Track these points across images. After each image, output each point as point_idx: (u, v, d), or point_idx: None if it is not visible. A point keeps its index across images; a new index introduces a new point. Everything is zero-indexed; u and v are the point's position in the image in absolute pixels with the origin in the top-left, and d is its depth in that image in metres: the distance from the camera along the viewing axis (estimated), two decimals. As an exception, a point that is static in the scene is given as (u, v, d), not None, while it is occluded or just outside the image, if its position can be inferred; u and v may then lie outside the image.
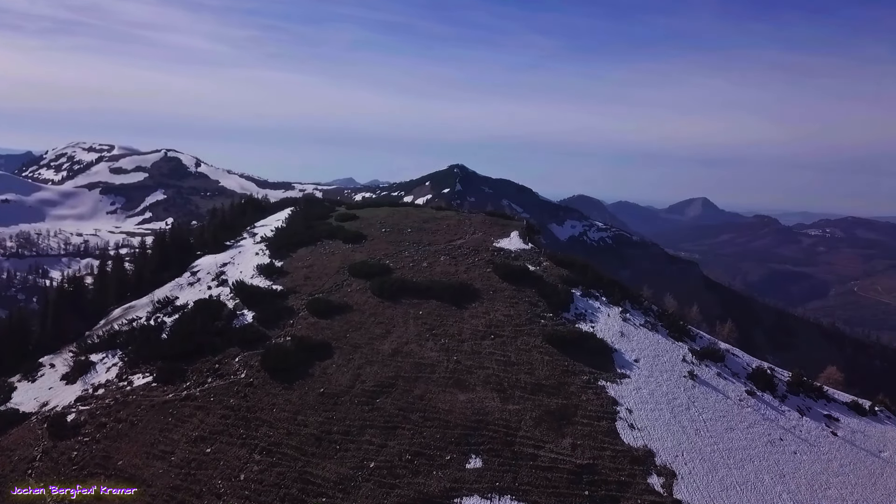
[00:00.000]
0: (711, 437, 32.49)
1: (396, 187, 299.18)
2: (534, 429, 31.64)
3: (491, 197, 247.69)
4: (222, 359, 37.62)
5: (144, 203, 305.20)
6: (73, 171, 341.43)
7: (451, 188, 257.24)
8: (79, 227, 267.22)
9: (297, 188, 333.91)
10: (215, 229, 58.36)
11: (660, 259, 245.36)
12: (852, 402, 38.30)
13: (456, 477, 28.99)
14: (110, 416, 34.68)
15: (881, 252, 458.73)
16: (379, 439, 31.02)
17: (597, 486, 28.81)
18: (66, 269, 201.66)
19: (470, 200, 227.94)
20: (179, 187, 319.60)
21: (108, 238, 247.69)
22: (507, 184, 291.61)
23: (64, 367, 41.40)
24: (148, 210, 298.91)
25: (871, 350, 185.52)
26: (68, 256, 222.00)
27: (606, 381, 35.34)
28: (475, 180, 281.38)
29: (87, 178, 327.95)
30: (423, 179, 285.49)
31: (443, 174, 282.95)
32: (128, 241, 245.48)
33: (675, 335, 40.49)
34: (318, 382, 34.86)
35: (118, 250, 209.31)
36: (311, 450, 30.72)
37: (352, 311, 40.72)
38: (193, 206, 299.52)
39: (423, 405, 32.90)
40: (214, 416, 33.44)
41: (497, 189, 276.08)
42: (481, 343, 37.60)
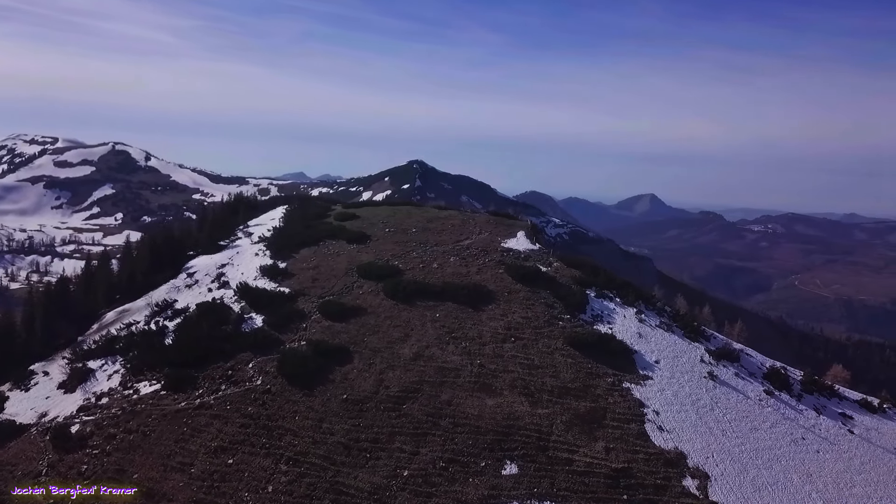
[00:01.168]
0: (738, 438, 32.67)
1: (354, 182, 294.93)
2: (566, 433, 31.28)
3: (450, 193, 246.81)
4: (234, 365, 36.14)
5: (92, 198, 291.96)
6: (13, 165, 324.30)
7: (410, 184, 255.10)
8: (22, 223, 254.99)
9: (251, 183, 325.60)
10: (210, 229, 56.29)
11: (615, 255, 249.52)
12: (862, 400, 39.12)
13: (493, 484, 28.41)
14: (119, 427, 32.92)
15: (819, 247, 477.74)
16: (410, 446, 30.20)
17: (634, 490, 28.64)
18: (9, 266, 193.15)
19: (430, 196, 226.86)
20: (129, 182, 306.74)
21: (55, 234, 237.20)
22: (466, 180, 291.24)
23: (60, 374, 39.18)
24: (96, 205, 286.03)
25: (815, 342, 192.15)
26: (12, 253, 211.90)
27: (630, 382, 35.24)
28: (434, 176, 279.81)
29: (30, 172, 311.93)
30: (382, 175, 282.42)
31: (402, 170, 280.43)
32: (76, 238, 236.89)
33: (690, 336, 40.70)
34: (339, 388, 33.78)
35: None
36: (341, 459, 29.71)
37: (366, 314, 39.67)
38: (144, 200, 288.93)
39: (452, 411, 32.19)
40: (233, 425, 32.06)
41: (456, 185, 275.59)
42: (503, 346, 37.06)
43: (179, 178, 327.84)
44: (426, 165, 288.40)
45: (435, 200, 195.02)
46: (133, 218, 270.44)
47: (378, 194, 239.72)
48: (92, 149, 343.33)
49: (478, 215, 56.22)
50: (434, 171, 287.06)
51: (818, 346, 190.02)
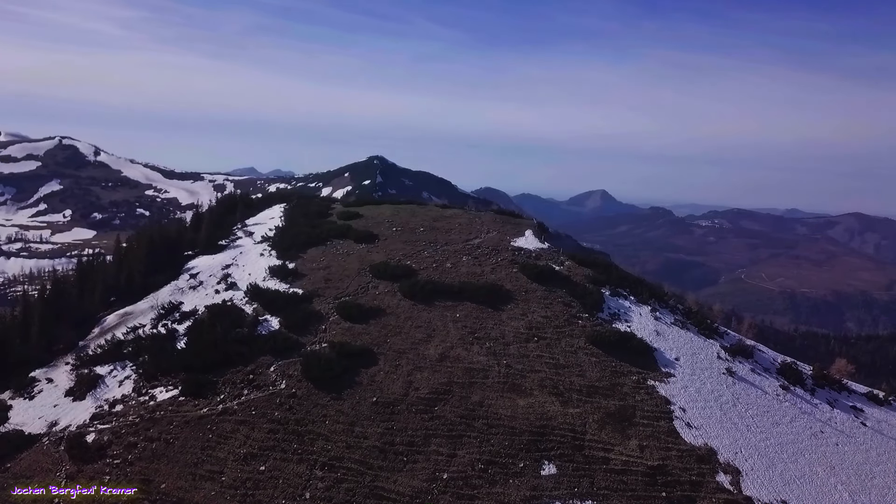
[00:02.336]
0: (762, 433, 33.32)
1: (313, 178, 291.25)
2: (599, 431, 31.42)
3: (411, 189, 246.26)
4: (255, 369, 35.24)
5: (38, 194, 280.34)
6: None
7: (371, 180, 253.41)
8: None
9: (206, 179, 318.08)
10: (210, 228, 54.72)
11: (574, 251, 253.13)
12: (869, 393, 40.41)
13: (533, 485, 28.36)
14: (139, 435, 31.73)
15: (764, 242, 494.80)
16: (446, 449, 29.92)
17: (671, 487, 28.94)
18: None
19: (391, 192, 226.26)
20: (77, 177, 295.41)
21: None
22: (427, 176, 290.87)
23: (67, 381, 37.57)
24: (43, 201, 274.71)
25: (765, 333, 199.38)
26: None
27: (655, 380, 35.60)
28: (395, 172, 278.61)
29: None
30: (342, 170, 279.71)
31: (362, 165, 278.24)
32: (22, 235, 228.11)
33: (705, 333, 41.37)
34: (368, 391, 33.25)
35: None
36: (377, 463, 29.24)
37: (386, 315, 39.14)
38: (94, 197, 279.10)
39: (485, 412, 32.01)
40: (261, 430, 31.24)
41: (417, 181, 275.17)
42: (526, 346, 37.03)
43: (131, 173, 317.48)
44: (386, 161, 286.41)
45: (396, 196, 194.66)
46: (83, 215, 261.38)
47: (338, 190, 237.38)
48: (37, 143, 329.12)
49: (483, 214, 56.08)
50: (394, 167, 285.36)
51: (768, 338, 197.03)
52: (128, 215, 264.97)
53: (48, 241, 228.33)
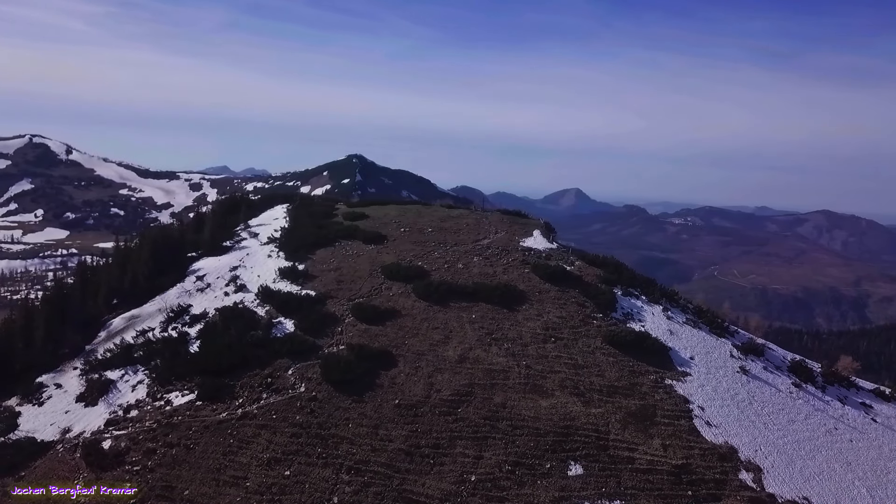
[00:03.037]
0: (779, 430, 33.74)
1: (291, 177, 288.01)
2: (622, 431, 31.57)
3: (391, 188, 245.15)
4: (273, 372, 34.83)
5: (8, 193, 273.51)
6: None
7: (350, 178, 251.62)
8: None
9: (182, 178, 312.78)
10: (213, 230, 53.95)
11: None
12: (875, 389, 41.13)
13: (561, 485, 28.42)
14: (158, 441, 31.19)
15: (736, 239, 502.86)
16: (472, 451, 29.85)
17: (697, 486, 29.18)
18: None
19: (370, 191, 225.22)
20: (49, 176, 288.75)
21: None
22: (406, 174, 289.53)
23: (77, 386, 36.81)
24: (13, 201, 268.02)
25: None
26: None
27: (672, 379, 35.86)
28: (374, 171, 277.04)
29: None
30: (321, 169, 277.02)
31: (341, 164, 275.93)
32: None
33: (716, 332, 41.78)
34: (390, 393, 33.05)
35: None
36: (404, 466, 29.08)
37: (402, 317, 38.94)
38: (67, 196, 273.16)
39: (508, 413, 31.99)
40: (283, 435, 30.88)
41: (396, 180, 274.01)
42: (544, 346, 37.09)
43: (104, 172, 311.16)
44: (365, 160, 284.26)
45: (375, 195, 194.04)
46: (55, 214, 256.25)
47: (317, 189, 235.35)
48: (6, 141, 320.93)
49: (490, 214, 56.03)
50: (374, 166, 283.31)
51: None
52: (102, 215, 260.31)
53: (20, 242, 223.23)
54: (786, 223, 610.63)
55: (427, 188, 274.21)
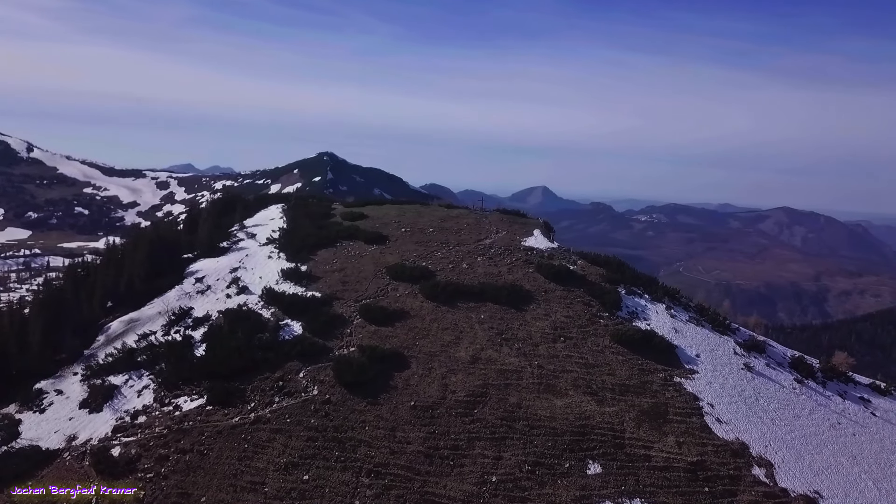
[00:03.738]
0: (786, 426, 34.42)
1: (261, 175, 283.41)
2: (637, 429, 31.87)
3: (363, 186, 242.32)
4: (283, 375, 34.40)
5: None
6: None
7: (322, 176, 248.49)
8: None
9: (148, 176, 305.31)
10: (210, 231, 53.01)
11: None
12: (872, 384, 42.23)
13: (582, 484, 28.58)
14: (169, 447, 30.57)
15: (700, 236, 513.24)
16: (491, 451, 29.85)
17: (713, 482, 29.59)
18: None
19: (342, 189, 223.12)
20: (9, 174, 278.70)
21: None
22: (378, 172, 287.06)
23: (79, 392, 35.88)
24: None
25: None
26: None
27: (680, 377, 36.33)
28: (346, 168, 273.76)
29: None
30: (292, 167, 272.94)
31: (312, 162, 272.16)
32: None
33: (719, 329, 42.46)
34: (404, 395, 32.89)
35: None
36: (424, 468, 28.96)
37: (411, 318, 38.78)
38: (28, 195, 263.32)
39: (524, 413, 32.07)
40: (298, 439, 30.52)
41: (368, 178, 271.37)
42: (554, 346, 37.27)
43: (67, 170, 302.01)
44: (336, 157, 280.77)
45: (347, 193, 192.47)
46: (17, 214, 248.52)
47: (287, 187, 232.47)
48: None
49: (489, 214, 56.12)
50: (345, 164, 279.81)
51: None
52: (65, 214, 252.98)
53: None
54: (748, 220, 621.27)
55: (399, 186, 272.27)
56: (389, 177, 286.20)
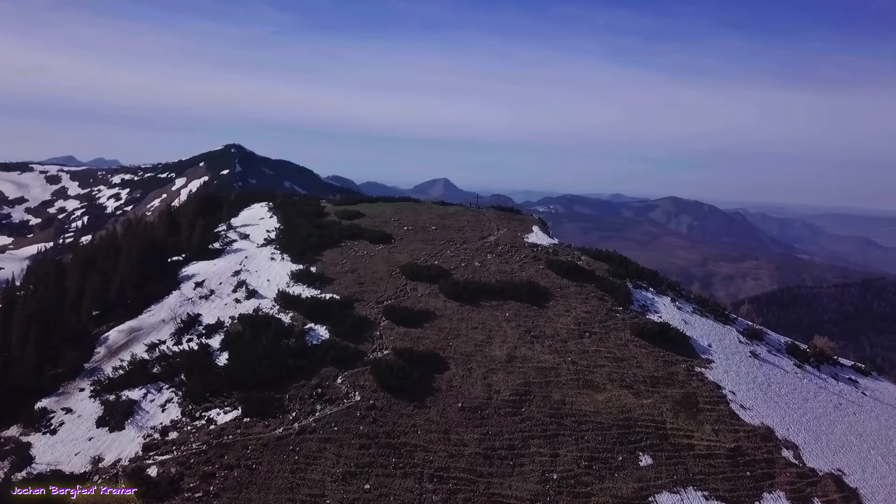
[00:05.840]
0: (799, 409, 36.80)
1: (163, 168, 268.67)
2: (675, 419, 33.17)
3: (272, 179, 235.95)
4: (321, 381, 33.37)
5: None
6: None
7: (230, 169, 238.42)
8: None
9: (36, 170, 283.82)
10: (202, 232, 50.11)
11: None
12: (854, 366, 45.76)
13: (637, 476, 29.48)
14: (213, 464, 29.01)
15: (595, 225, 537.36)
16: (547, 449, 30.26)
17: (752, 466, 31.26)
18: None
19: (252, 182, 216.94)
20: None
21: None
22: (288, 165, 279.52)
23: (93, 410, 33.28)
24: None
25: None
26: None
27: (700, 367, 38.04)
28: (254, 161, 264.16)
29: None
30: (197, 160, 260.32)
31: (219, 154, 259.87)
32: None
33: (721, 319, 44.68)
34: (450, 397, 32.70)
35: None
36: (486, 469, 28.98)
37: (437, 318, 38.49)
38: None
39: (569, 409, 32.66)
40: (350, 447, 29.76)
41: (278, 170, 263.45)
42: (581, 342, 38.07)
43: None
44: (245, 150, 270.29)
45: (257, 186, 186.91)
46: None
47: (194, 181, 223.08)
48: None
49: (485, 211, 56.32)
50: (253, 156, 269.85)
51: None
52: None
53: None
54: (639, 209, 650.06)
55: (310, 178, 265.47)
56: (300, 169, 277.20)
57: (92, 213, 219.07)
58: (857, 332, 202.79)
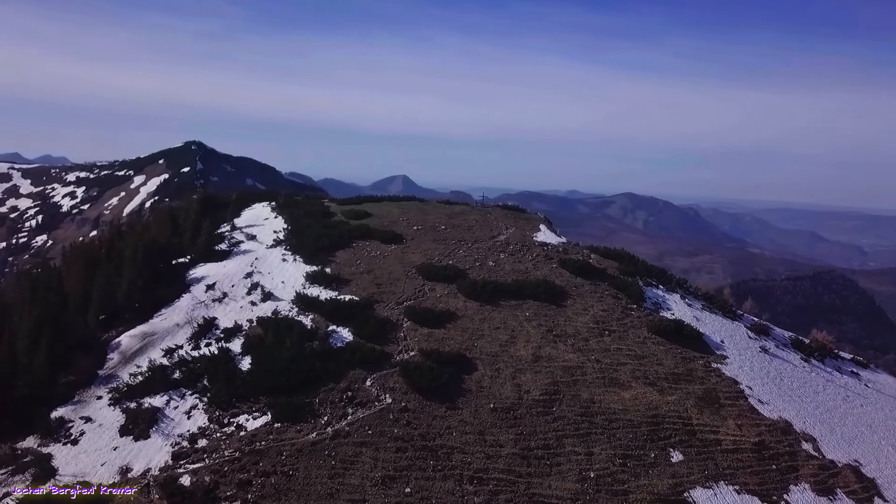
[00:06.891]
0: (811, 402, 37.92)
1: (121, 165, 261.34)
2: (700, 415, 33.85)
3: (234, 176, 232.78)
4: (350, 384, 33.08)
5: None
6: None
7: (191, 167, 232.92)
8: None
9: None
10: (209, 233, 48.99)
11: None
12: (853, 359, 47.29)
13: (671, 472, 30.02)
14: (248, 471, 28.53)
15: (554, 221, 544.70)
16: (581, 448, 30.58)
17: (776, 460, 32.14)
18: None
19: (213, 180, 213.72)
20: None
21: None
22: (250, 162, 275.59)
23: (114, 418, 32.34)
24: None
25: None
26: None
27: (716, 363, 38.86)
28: (215, 158, 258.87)
29: None
30: (156, 157, 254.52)
31: (179, 151, 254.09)
32: None
33: (729, 315, 45.69)
34: (481, 397, 32.78)
35: None
36: (524, 470, 29.16)
37: (459, 318, 38.48)
38: None
39: (599, 408, 33.05)
40: (387, 451, 29.60)
41: (240, 168, 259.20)
42: (602, 340, 38.52)
43: None
44: (206, 147, 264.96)
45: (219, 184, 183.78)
46: None
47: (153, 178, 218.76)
48: None
49: (491, 209, 56.43)
50: (214, 153, 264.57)
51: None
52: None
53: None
54: (595, 205, 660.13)
55: (272, 175, 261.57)
56: (262, 166, 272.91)
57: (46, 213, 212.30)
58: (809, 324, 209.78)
